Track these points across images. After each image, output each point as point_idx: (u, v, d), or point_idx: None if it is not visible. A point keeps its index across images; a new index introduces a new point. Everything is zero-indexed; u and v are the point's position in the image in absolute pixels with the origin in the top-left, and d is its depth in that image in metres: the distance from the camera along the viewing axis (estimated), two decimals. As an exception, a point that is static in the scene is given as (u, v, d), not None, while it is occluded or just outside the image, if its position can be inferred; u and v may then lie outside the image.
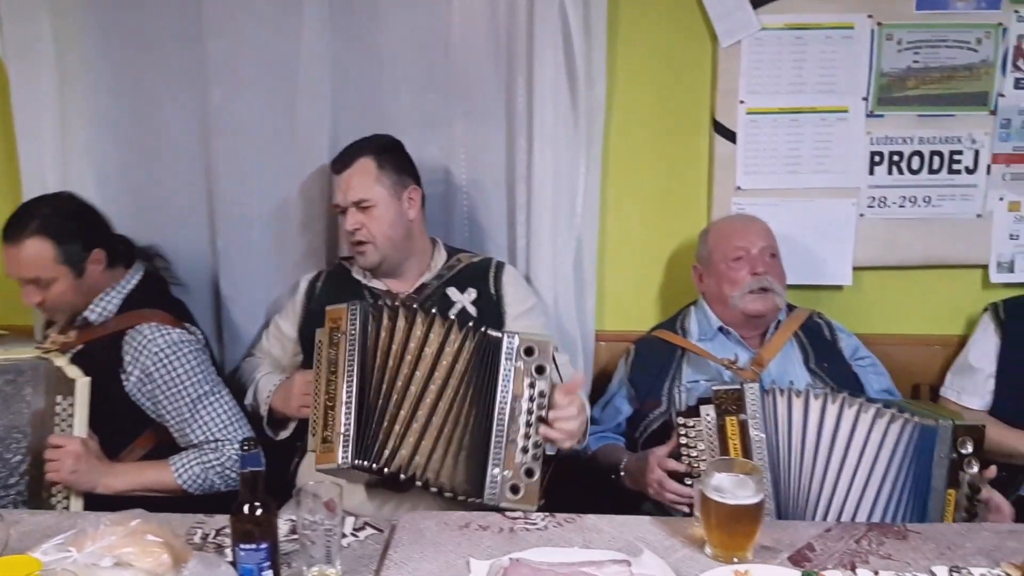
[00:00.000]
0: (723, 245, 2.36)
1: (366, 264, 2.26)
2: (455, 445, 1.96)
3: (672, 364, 2.33)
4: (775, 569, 1.56)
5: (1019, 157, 2.55)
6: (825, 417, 1.94)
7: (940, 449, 1.90)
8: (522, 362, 1.94)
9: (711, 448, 1.95)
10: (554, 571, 1.53)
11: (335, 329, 1.99)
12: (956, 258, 2.62)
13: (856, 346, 2.40)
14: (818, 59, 2.50)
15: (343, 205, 2.24)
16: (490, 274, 2.32)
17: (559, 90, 2.44)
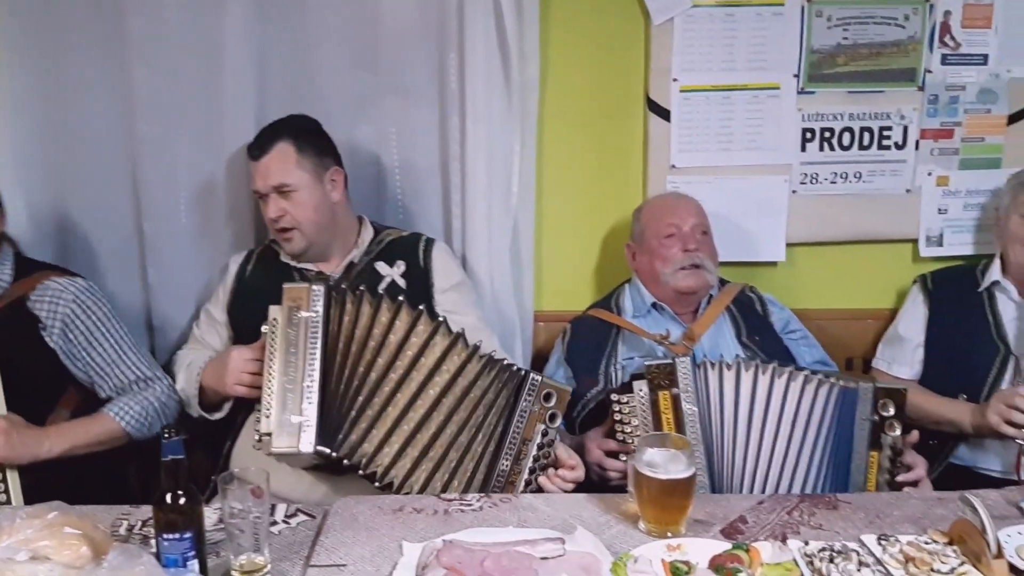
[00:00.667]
0: (655, 223, 2.37)
1: (293, 250, 2.23)
2: (437, 460, 1.91)
3: (607, 342, 2.33)
4: (707, 542, 1.57)
5: (947, 132, 2.60)
6: (757, 388, 1.95)
7: (861, 411, 1.93)
8: (539, 406, 1.93)
9: (645, 423, 1.96)
10: (487, 551, 1.52)
11: (295, 308, 1.93)
12: (887, 233, 2.66)
13: (788, 319, 2.43)
14: (749, 36, 2.51)
15: (263, 191, 2.19)
16: (419, 247, 2.30)
17: (491, 68, 2.42)
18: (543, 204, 2.63)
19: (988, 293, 2.41)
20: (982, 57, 2.55)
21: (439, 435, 1.91)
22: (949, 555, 1.52)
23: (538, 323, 2.68)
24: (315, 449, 1.84)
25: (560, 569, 1.47)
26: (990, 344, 2.35)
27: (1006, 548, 1.53)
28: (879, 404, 1.92)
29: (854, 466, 1.93)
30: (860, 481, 1.92)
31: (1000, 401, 2.17)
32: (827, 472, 1.95)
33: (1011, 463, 2.25)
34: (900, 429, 1.92)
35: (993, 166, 2.61)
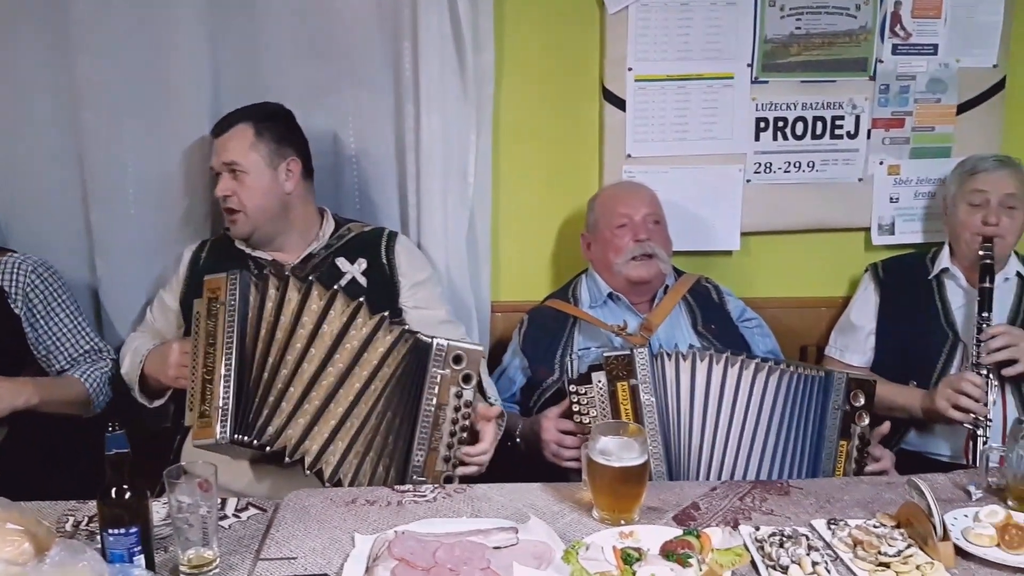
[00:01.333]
0: (608, 212, 2.38)
1: (236, 233, 2.20)
2: (366, 444, 1.89)
3: (564, 333, 2.33)
4: (659, 529, 1.57)
5: (898, 122, 2.63)
6: (712, 376, 1.96)
7: (834, 400, 1.95)
8: (449, 370, 1.90)
9: (603, 414, 1.96)
10: (440, 542, 1.51)
11: (213, 299, 1.91)
12: (839, 222, 2.69)
13: (743, 308, 2.45)
14: (703, 26, 2.52)
15: (216, 168, 2.19)
16: (382, 244, 2.27)
17: (446, 56, 2.40)
18: (500, 193, 2.62)
19: (937, 280, 2.45)
20: (932, 47, 2.58)
21: (368, 419, 1.89)
22: (896, 538, 1.54)
23: (495, 313, 2.67)
24: (231, 439, 1.82)
25: (512, 558, 1.47)
26: (939, 331, 2.39)
27: (952, 531, 1.55)
28: (851, 394, 1.95)
29: (825, 454, 1.95)
30: (829, 469, 1.95)
31: (947, 386, 2.20)
32: (797, 460, 1.96)
33: (959, 447, 2.29)
34: (868, 419, 1.95)
35: (943, 155, 2.64)
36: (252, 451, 1.89)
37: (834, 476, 1.93)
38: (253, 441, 1.85)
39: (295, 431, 1.88)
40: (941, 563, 1.48)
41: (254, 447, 1.86)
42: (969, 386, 2.16)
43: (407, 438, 1.89)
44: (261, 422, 1.87)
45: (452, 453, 1.89)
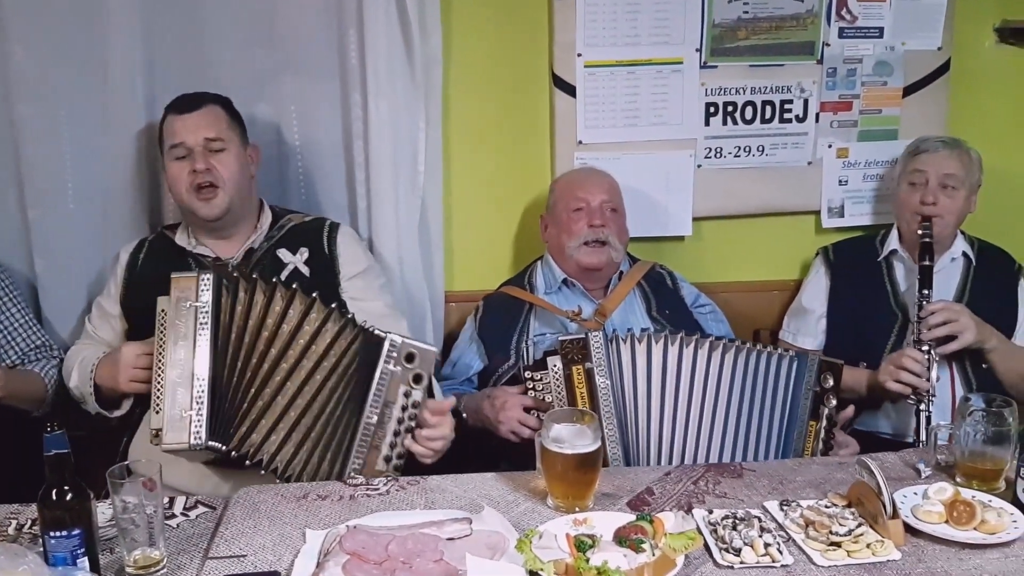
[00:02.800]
0: (566, 196, 2.37)
1: (212, 212, 2.11)
2: (315, 438, 1.87)
3: (520, 319, 2.33)
4: (613, 515, 1.57)
5: (845, 105, 2.65)
6: (668, 358, 1.97)
7: (807, 381, 1.97)
8: (400, 368, 1.86)
9: (559, 399, 1.96)
10: (392, 535, 1.49)
11: (183, 299, 1.86)
12: (790, 205, 2.71)
13: (697, 294, 2.46)
14: (652, 11, 2.51)
15: (191, 145, 2.09)
16: (323, 233, 2.23)
17: (392, 43, 2.37)
18: (451, 182, 2.60)
19: (886, 263, 2.48)
20: (878, 30, 2.60)
21: (309, 408, 1.86)
22: (847, 517, 1.55)
23: (449, 304, 2.65)
24: (207, 444, 1.78)
25: (466, 549, 1.46)
26: (888, 312, 2.42)
27: (902, 508, 1.57)
28: (822, 376, 1.97)
29: (796, 433, 1.98)
30: (799, 448, 1.98)
31: (890, 362, 2.23)
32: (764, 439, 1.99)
33: (903, 425, 2.32)
34: (836, 402, 1.98)
35: (890, 137, 2.67)
36: (218, 455, 1.85)
37: (804, 455, 1.96)
38: (224, 447, 1.82)
39: (259, 435, 1.85)
40: (891, 541, 1.49)
41: (223, 452, 1.82)
42: (910, 361, 2.19)
43: (350, 433, 1.86)
44: (233, 428, 1.84)
45: (394, 453, 1.86)
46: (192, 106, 2.12)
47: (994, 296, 2.42)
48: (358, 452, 1.85)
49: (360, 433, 1.85)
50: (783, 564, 1.44)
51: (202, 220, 2.13)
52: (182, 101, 2.14)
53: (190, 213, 2.14)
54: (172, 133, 2.12)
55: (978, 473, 1.71)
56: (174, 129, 2.11)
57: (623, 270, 2.40)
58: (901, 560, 1.46)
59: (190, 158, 2.09)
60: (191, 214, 2.14)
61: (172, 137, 2.11)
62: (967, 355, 2.31)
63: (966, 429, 1.72)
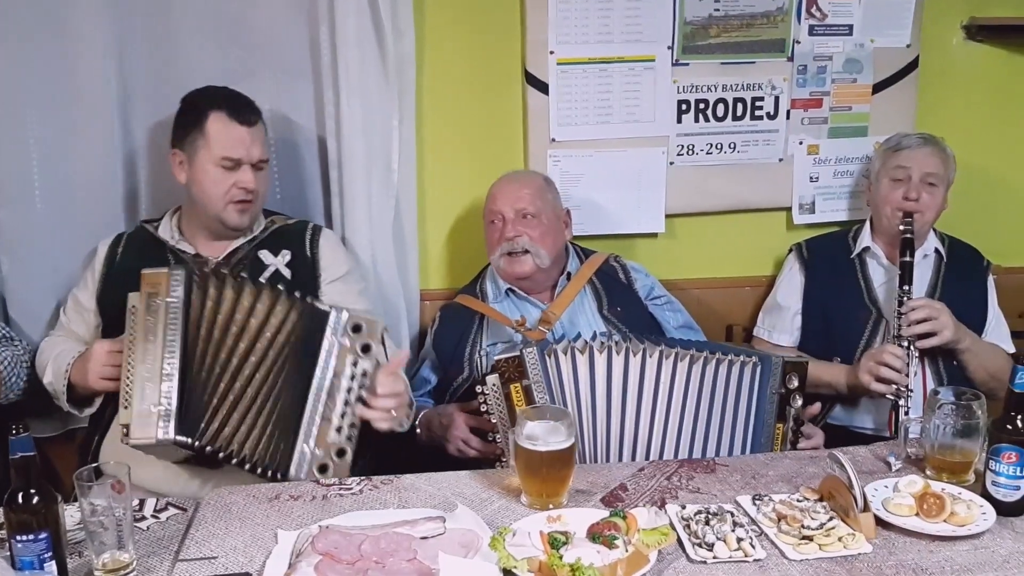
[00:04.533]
0: (485, 208, 2.37)
1: (243, 223, 2.13)
2: (265, 417, 1.86)
3: (472, 329, 2.31)
4: (587, 511, 1.57)
5: (816, 102, 2.66)
6: (613, 367, 1.93)
7: (771, 385, 1.96)
8: (348, 339, 1.86)
9: (502, 419, 1.93)
10: (365, 534, 1.48)
11: (153, 295, 1.85)
12: (762, 202, 2.72)
13: (652, 286, 2.44)
14: (624, 8, 2.51)
15: (246, 161, 2.09)
16: (306, 236, 2.22)
17: (365, 41, 2.36)
18: (424, 180, 2.59)
19: (859, 258, 2.49)
20: (847, 28, 2.62)
21: (271, 395, 1.86)
22: (819, 511, 1.56)
23: (425, 302, 2.64)
24: (175, 439, 1.77)
25: (439, 547, 1.45)
26: (862, 308, 2.43)
27: (873, 501, 1.58)
28: (786, 377, 1.96)
29: (763, 439, 1.97)
30: (768, 452, 1.96)
31: (870, 359, 2.24)
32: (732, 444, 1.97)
33: (883, 420, 2.34)
34: (802, 401, 1.98)
35: (860, 134, 2.69)
36: (186, 451, 1.84)
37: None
38: (194, 442, 1.80)
39: (229, 428, 1.84)
40: (862, 534, 1.50)
41: (192, 448, 1.81)
42: (891, 357, 2.21)
43: (299, 407, 1.85)
44: (203, 423, 1.82)
45: (345, 423, 1.85)
46: (251, 118, 2.10)
47: (965, 292, 2.45)
48: (308, 423, 1.84)
49: (309, 406, 1.85)
50: (756, 558, 1.45)
51: (224, 227, 2.12)
52: (239, 108, 2.10)
53: (210, 215, 2.12)
54: (229, 144, 2.07)
55: (948, 466, 1.73)
56: (233, 139, 2.07)
57: (571, 271, 2.37)
58: (872, 553, 1.47)
59: (238, 171, 2.08)
60: (208, 215, 2.12)
61: (228, 148, 2.07)
62: (939, 351, 2.33)
63: (936, 422, 1.74)
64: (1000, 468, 1.59)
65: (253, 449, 1.85)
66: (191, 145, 2.10)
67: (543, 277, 2.32)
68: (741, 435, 1.97)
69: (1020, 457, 1.58)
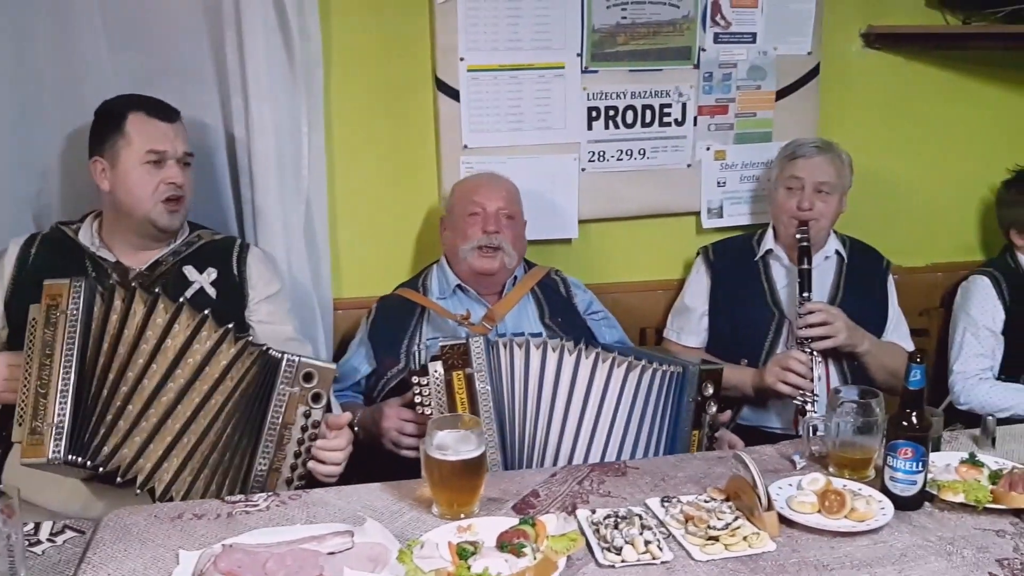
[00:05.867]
0: (463, 200, 2.37)
1: (174, 224, 2.07)
2: (202, 461, 1.79)
3: (412, 322, 2.31)
4: (498, 520, 1.56)
5: (722, 108, 2.72)
6: (546, 364, 1.96)
7: (688, 393, 1.99)
8: (299, 388, 1.81)
9: (440, 405, 1.94)
10: (270, 552, 1.45)
11: (53, 307, 1.77)
12: (672, 207, 2.77)
13: (590, 301, 2.48)
14: (532, 15, 2.53)
15: (171, 155, 2.05)
16: (234, 254, 2.16)
17: (272, 45, 2.32)
18: (336, 187, 2.56)
19: (763, 261, 2.56)
20: (751, 35, 2.69)
21: (207, 434, 1.80)
22: (725, 511, 1.58)
23: (338, 311, 2.61)
24: (65, 459, 1.70)
25: (347, 563, 1.43)
26: (766, 310, 2.49)
27: (777, 500, 1.62)
28: (702, 385, 1.99)
29: (680, 446, 1.99)
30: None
31: (776, 364, 2.31)
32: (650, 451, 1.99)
33: (791, 419, 2.39)
34: (717, 407, 2.01)
35: (765, 139, 2.76)
36: (84, 471, 1.77)
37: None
38: (87, 462, 1.74)
39: (130, 450, 1.77)
40: (766, 532, 1.53)
41: (87, 468, 1.74)
42: (795, 363, 2.27)
43: (248, 456, 1.81)
44: (97, 442, 1.75)
45: (295, 475, 1.82)
46: (171, 115, 2.08)
47: (866, 293, 2.53)
48: (258, 476, 1.80)
49: (259, 455, 1.80)
50: (663, 560, 1.46)
51: (154, 229, 2.06)
52: (157, 106, 2.07)
53: (138, 219, 2.05)
54: (152, 138, 2.04)
55: (849, 462, 1.78)
56: (155, 134, 2.04)
57: (517, 276, 2.40)
58: (776, 551, 1.50)
59: (163, 167, 2.04)
60: (135, 219, 2.05)
61: (151, 142, 2.03)
62: (842, 353, 2.40)
63: (837, 421, 1.79)
64: (897, 464, 1.64)
65: (185, 491, 1.78)
66: (112, 149, 2.04)
67: (502, 278, 2.35)
68: (658, 441, 2.00)
69: (916, 453, 1.63)
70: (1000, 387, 2.50)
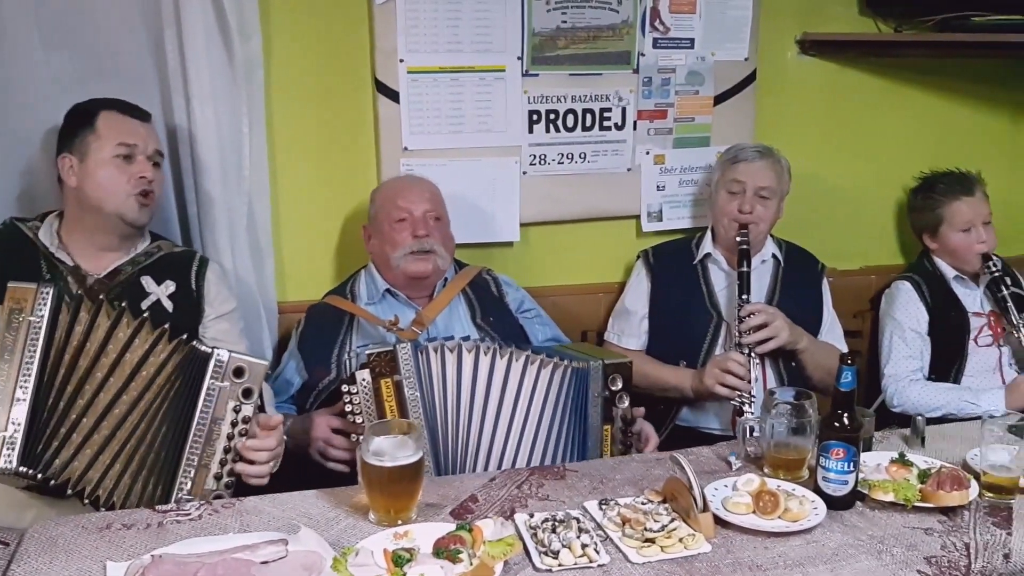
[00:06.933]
0: (388, 206, 2.34)
1: (144, 219, 2.06)
2: (138, 462, 1.77)
3: (341, 331, 2.28)
4: (435, 526, 1.56)
5: (661, 113, 2.74)
6: (479, 368, 1.96)
7: (594, 388, 1.99)
8: (229, 383, 1.79)
9: (370, 413, 1.91)
10: (201, 562, 1.42)
11: (17, 311, 1.72)
12: (612, 210, 2.78)
13: (522, 299, 2.48)
14: (472, 18, 2.51)
15: (142, 151, 2.04)
16: (192, 268, 2.13)
17: (212, 45, 2.28)
18: (278, 189, 2.53)
19: (701, 265, 2.59)
20: (689, 41, 2.71)
21: (144, 435, 1.77)
22: (661, 513, 1.60)
23: (283, 314, 2.57)
24: (16, 469, 1.66)
25: (280, 572, 1.41)
26: (704, 313, 2.52)
27: (713, 501, 1.64)
28: (609, 379, 1.99)
29: (591, 442, 2.00)
30: (597, 454, 2.00)
31: (715, 366, 2.33)
32: (567, 449, 2.00)
33: (729, 420, 2.42)
34: (628, 400, 2.01)
35: (703, 144, 2.79)
36: (32, 482, 1.72)
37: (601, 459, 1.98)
38: (38, 474, 1.69)
39: (80, 463, 1.73)
40: (702, 534, 1.55)
41: (37, 480, 1.70)
42: (734, 365, 2.30)
43: (176, 453, 1.77)
44: (49, 454, 1.71)
45: (224, 471, 1.79)
46: (144, 115, 2.09)
47: (801, 295, 2.57)
48: (185, 471, 1.76)
49: (187, 451, 1.77)
50: (600, 564, 1.47)
51: (123, 223, 2.02)
52: (130, 106, 2.08)
53: (108, 213, 2.00)
54: (122, 132, 2.03)
55: (783, 463, 1.81)
56: (126, 128, 2.04)
57: (448, 277, 2.39)
58: (711, 552, 1.52)
59: (134, 162, 2.02)
60: (105, 214, 2.00)
61: (122, 135, 2.03)
62: (779, 352, 2.44)
63: (771, 421, 1.81)
64: (829, 464, 1.67)
65: (124, 495, 1.75)
66: (81, 145, 2.01)
67: (435, 279, 2.34)
68: (571, 437, 2.01)
69: (847, 453, 1.66)
70: (931, 387, 2.56)
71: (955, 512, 1.66)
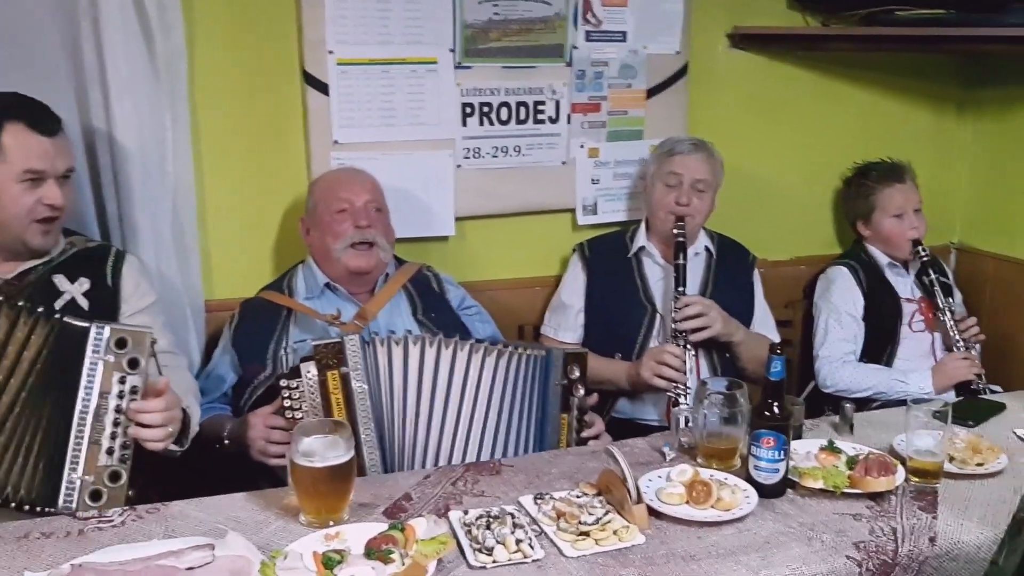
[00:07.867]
0: (327, 197, 2.30)
1: (47, 244, 1.95)
2: (25, 448, 1.70)
3: (278, 326, 2.23)
4: (368, 526, 1.53)
5: (594, 106, 2.74)
6: (425, 360, 1.95)
7: (554, 376, 2.00)
8: (112, 355, 1.72)
9: (314, 407, 1.89)
10: (124, 570, 1.38)
11: None
12: (547, 204, 2.78)
13: (463, 296, 2.47)
14: (403, 9, 2.48)
15: (51, 174, 1.90)
16: (108, 263, 2.05)
17: (131, 37, 2.21)
18: (204, 184, 2.46)
19: (636, 258, 2.60)
20: (621, 34, 2.72)
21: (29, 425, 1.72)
22: (596, 506, 1.60)
23: (210, 313, 2.51)
24: None
25: (207, 577, 1.37)
26: (639, 305, 2.54)
27: (647, 493, 1.64)
28: (567, 368, 2.00)
29: (550, 429, 2.00)
30: (555, 442, 2.00)
31: (651, 358, 2.34)
32: (523, 438, 2.00)
33: (664, 411, 2.44)
34: (584, 390, 2.02)
35: (636, 137, 2.80)
36: None
37: (559, 447, 1.99)
38: None
39: None
40: (636, 526, 1.55)
41: None
42: (670, 357, 2.31)
43: (62, 434, 1.71)
44: None
45: (116, 444, 1.73)
46: (53, 127, 1.92)
47: (734, 286, 2.60)
48: (74, 449, 1.70)
49: (74, 430, 1.71)
50: (535, 559, 1.46)
51: (25, 248, 1.93)
52: (37, 114, 1.91)
53: (9, 236, 1.91)
54: (30, 156, 1.88)
55: (716, 453, 1.82)
56: (34, 152, 1.88)
57: (389, 272, 2.36)
58: (645, 544, 1.52)
59: (42, 186, 1.89)
60: (7, 236, 1.91)
61: (29, 161, 1.88)
62: (714, 343, 2.47)
63: (704, 412, 1.83)
64: (760, 452, 1.69)
65: (16, 484, 1.69)
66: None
67: (376, 273, 2.31)
68: (532, 428, 2.01)
69: (778, 441, 1.68)
70: (863, 368, 2.63)
71: (882, 497, 1.69)
